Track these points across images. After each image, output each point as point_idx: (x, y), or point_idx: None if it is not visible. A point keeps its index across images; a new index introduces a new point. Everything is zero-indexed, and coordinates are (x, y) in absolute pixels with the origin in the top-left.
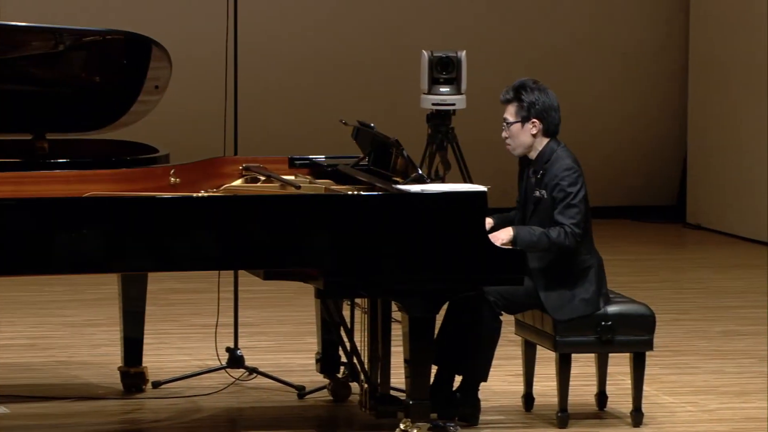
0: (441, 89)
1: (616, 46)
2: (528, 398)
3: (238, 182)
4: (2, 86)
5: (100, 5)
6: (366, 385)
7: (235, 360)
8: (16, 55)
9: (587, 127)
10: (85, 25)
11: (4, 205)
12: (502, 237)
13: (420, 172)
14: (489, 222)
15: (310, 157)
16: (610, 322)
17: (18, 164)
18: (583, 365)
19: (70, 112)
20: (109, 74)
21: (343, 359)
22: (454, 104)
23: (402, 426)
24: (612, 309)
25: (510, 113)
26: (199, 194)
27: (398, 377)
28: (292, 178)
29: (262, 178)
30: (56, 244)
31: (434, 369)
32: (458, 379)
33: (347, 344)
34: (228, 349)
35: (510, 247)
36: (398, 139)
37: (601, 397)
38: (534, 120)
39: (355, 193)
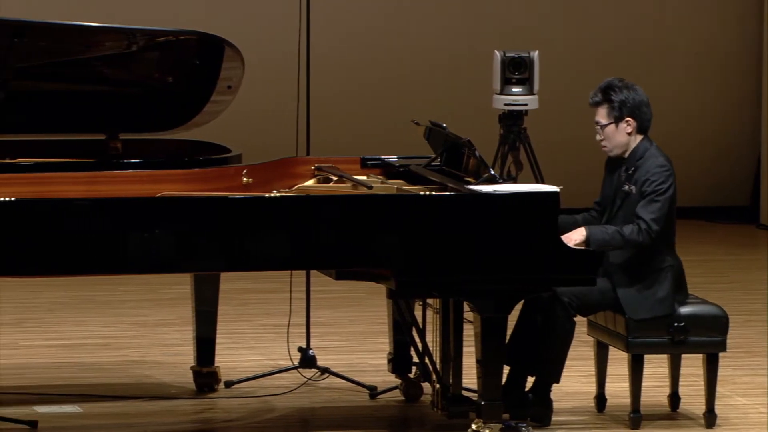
0: (513, 89)
1: (689, 45)
2: (600, 399)
3: (310, 182)
4: (77, 87)
5: (173, 5)
6: (438, 386)
7: (307, 360)
8: (90, 55)
9: (660, 128)
10: (157, 25)
11: (78, 205)
12: (574, 237)
13: (492, 172)
14: None
15: (382, 157)
16: (683, 323)
17: (92, 164)
18: (656, 366)
19: (143, 112)
20: (182, 74)
21: (415, 359)
22: (526, 104)
23: (474, 426)
24: (685, 310)
25: (601, 115)
26: (272, 194)
27: (470, 377)
28: (364, 178)
29: (335, 178)
30: (129, 243)
31: (507, 369)
32: (531, 379)
33: (419, 344)
34: (300, 349)
35: (583, 247)
36: (470, 140)
37: (674, 398)
38: (628, 118)
39: (427, 193)
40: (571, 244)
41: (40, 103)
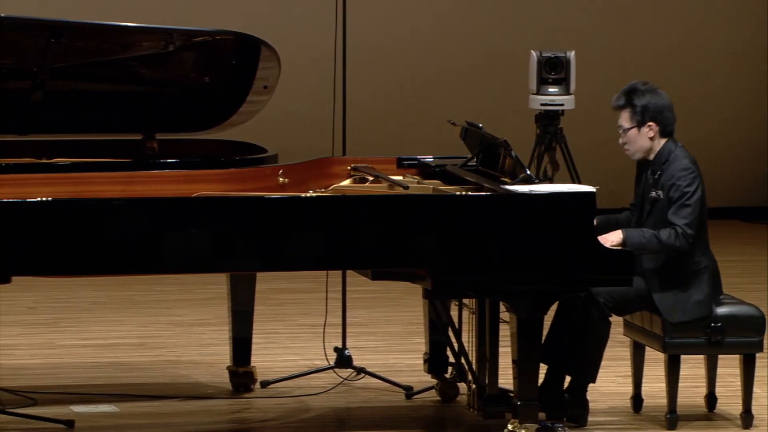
0: (550, 89)
1: (725, 46)
2: (637, 399)
3: (346, 182)
4: (113, 87)
5: (211, 5)
6: (474, 386)
7: (343, 360)
8: (127, 55)
9: (697, 128)
10: (193, 25)
11: (114, 205)
12: (612, 240)
13: (528, 172)
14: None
15: (418, 157)
16: (719, 324)
17: (128, 164)
18: (693, 366)
19: (179, 112)
20: (218, 74)
21: (451, 359)
22: (562, 104)
23: (510, 426)
24: (722, 310)
25: (624, 119)
26: (308, 194)
27: (506, 378)
28: (400, 178)
29: (371, 178)
30: (165, 243)
31: (543, 369)
32: (567, 379)
33: (455, 344)
34: (336, 349)
35: (619, 248)
36: (507, 140)
37: (711, 398)
38: (650, 123)
39: (463, 193)
40: (607, 245)
41: (77, 103)
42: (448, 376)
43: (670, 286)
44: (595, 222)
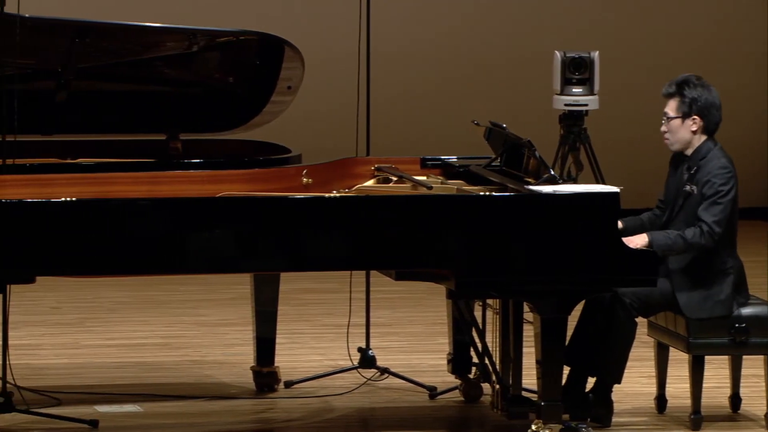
0: (574, 90)
1: (756, 44)
2: (661, 400)
3: (370, 182)
4: (138, 87)
5: (235, 5)
6: (498, 386)
7: (366, 360)
8: (151, 55)
9: (730, 127)
10: (216, 25)
11: (139, 205)
12: (637, 242)
13: (552, 172)
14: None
15: (442, 157)
16: (744, 324)
17: (152, 164)
18: (717, 367)
19: (203, 112)
20: (242, 75)
21: (475, 360)
22: (586, 105)
23: (534, 427)
24: (746, 311)
25: (671, 108)
26: (331, 194)
27: (530, 378)
28: (423, 178)
29: (394, 178)
30: (190, 243)
31: (567, 370)
32: (591, 380)
33: (479, 345)
34: (360, 349)
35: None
36: (530, 140)
37: (735, 399)
38: (695, 117)
39: (487, 193)
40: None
41: (102, 104)
42: (471, 376)
43: (694, 285)
44: (620, 225)
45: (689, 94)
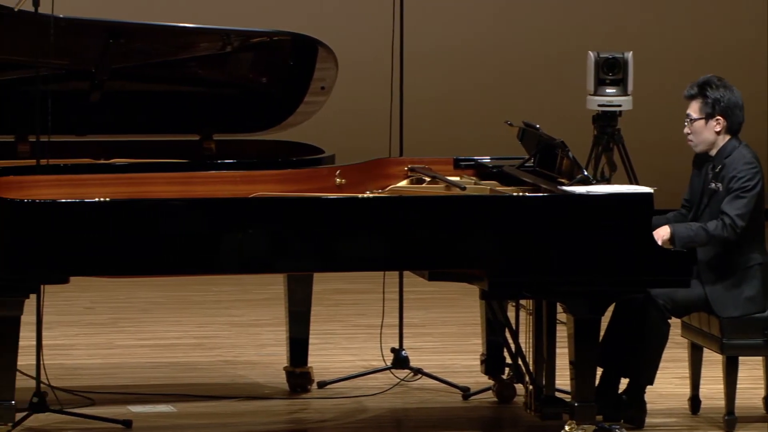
0: (607, 90)
1: None
2: (695, 401)
3: (403, 183)
4: (171, 87)
5: (269, 5)
6: (531, 387)
7: (400, 360)
8: (185, 56)
9: (755, 126)
10: (250, 25)
11: (172, 205)
12: (660, 233)
13: (586, 173)
14: None
15: (475, 158)
16: None
17: (186, 165)
18: (751, 368)
19: (237, 112)
20: (275, 75)
21: (508, 360)
22: (620, 105)
23: (567, 428)
24: None
25: (694, 109)
26: (365, 195)
27: (563, 379)
28: (457, 179)
29: (428, 179)
30: (223, 244)
31: (600, 371)
32: (624, 381)
33: (512, 345)
34: (393, 350)
35: (669, 245)
36: (564, 141)
37: None
38: (718, 117)
39: (520, 194)
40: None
41: (135, 104)
42: (505, 377)
43: (722, 280)
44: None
45: (712, 95)
